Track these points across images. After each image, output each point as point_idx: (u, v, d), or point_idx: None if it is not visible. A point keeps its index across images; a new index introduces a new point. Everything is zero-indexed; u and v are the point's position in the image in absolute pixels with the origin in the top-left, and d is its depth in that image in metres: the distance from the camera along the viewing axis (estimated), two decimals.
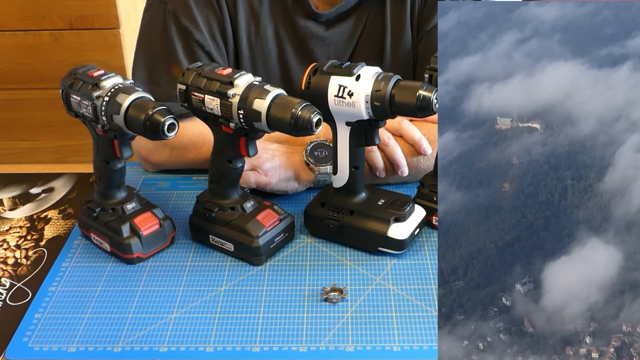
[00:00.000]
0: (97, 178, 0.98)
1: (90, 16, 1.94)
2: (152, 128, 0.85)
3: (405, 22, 1.20)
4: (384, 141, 1.07)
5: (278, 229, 0.97)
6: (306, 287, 0.92)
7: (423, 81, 0.92)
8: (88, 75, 0.91)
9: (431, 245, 1.00)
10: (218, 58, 1.19)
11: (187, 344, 0.83)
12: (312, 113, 0.83)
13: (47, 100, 2.04)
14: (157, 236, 0.98)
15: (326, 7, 1.19)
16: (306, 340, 0.83)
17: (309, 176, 1.09)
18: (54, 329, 0.86)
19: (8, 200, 1.15)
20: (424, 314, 0.87)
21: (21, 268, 0.98)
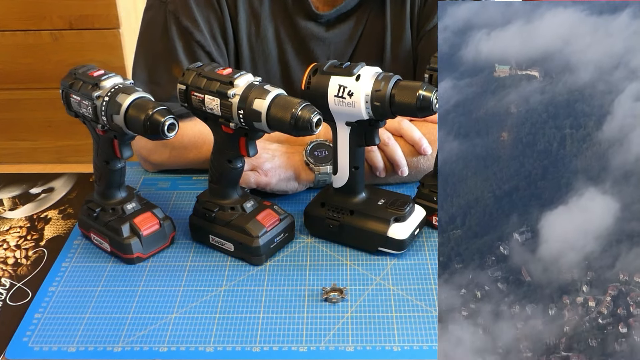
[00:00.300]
0: (97, 178, 0.98)
1: (90, 16, 1.94)
2: (152, 128, 0.85)
3: (405, 22, 1.20)
4: (384, 141, 1.07)
5: (278, 229, 0.97)
6: (306, 287, 0.92)
7: (423, 81, 0.92)
8: (88, 75, 0.91)
9: (431, 245, 1.00)
10: (218, 58, 1.19)
11: (187, 344, 0.83)
12: (312, 113, 0.83)
13: (47, 100, 2.04)
14: (157, 236, 0.98)
15: (326, 8, 1.19)
16: (306, 340, 0.83)
17: (309, 176, 1.09)
18: (54, 329, 0.86)
19: (8, 200, 1.15)
20: (424, 314, 0.87)
21: (21, 268, 0.98)
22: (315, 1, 1.18)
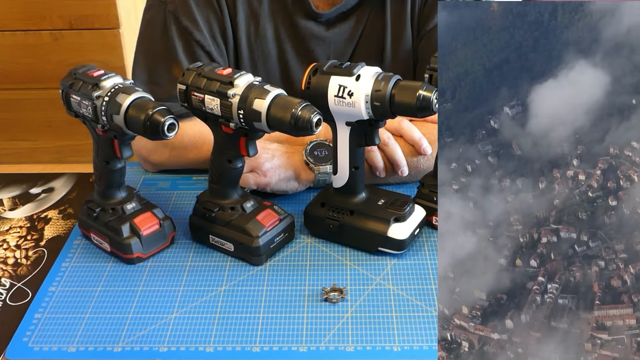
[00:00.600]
0: (97, 178, 0.98)
1: (90, 16, 1.94)
2: (152, 128, 0.85)
3: (405, 22, 1.20)
4: (384, 141, 1.07)
5: (278, 229, 0.97)
6: (306, 287, 0.92)
7: (423, 81, 0.92)
8: (88, 75, 0.91)
9: (431, 245, 1.00)
10: (218, 58, 1.19)
11: (187, 344, 0.83)
12: (312, 113, 0.83)
13: (47, 100, 2.04)
14: (157, 236, 0.98)
15: (326, 7, 1.19)
16: (306, 340, 0.83)
17: (308, 176, 1.09)
18: (54, 329, 0.86)
19: (8, 200, 1.15)
20: (424, 314, 0.87)
21: (21, 268, 0.98)
22: (315, 0, 1.18)
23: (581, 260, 0.80)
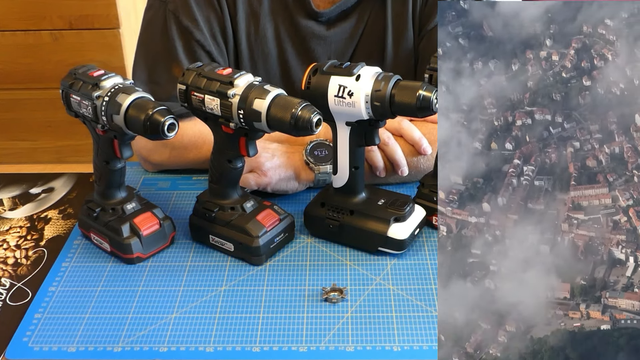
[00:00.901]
0: (97, 178, 0.98)
1: (90, 16, 1.94)
2: (152, 128, 0.85)
3: (407, 21, 1.20)
4: (384, 141, 1.07)
5: (278, 229, 0.97)
6: (306, 287, 0.92)
7: (423, 81, 0.92)
8: (88, 75, 0.91)
9: (431, 245, 1.00)
10: (218, 58, 1.19)
11: (187, 344, 0.83)
12: (312, 113, 0.83)
13: (47, 100, 2.04)
14: (157, 236, 0.98)
15: (327, 6, 1.19)
16: (306, 340, 0.83)
17: (308, 176, 1.09)
18: (54, 329, 0.86)
19: (8, 200, 1.15)
20: (424, 314, 0.87)
21: (21, 268, 0.98)
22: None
23: (556, 142, 0.80)
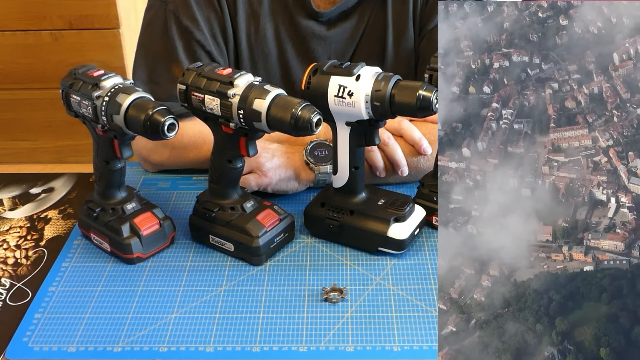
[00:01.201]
0: (97, 178, 0.98)
1: (90, 16, 1.94)
2: (152, 128, 0.85)
3: (407, 21, 1.20)
4: (384, 141, 1.07)
5: (278, 229, 0.97)
6: (306, 287, 0.92)
7: (423, 81, 0.92)
8: (88, 75, 0.91)
9: (431, 245, 1.00)
10: (219, 58, 1.19)
11: (187, 344, 0.83)
12: (312, 113, 0.83)
13: (47, 100, 2.04)
14: (157, 236, 0.98)
15: (327, 6, 1.19)
16: (306, 340, 0.83)
17: (309, 176, 1.09)
18: (54, 329, 0.86)
19: (8, 200, 1.15)
20: (424, 314, 0.87)
21: (21, 268, 0.98)
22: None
23: (534, 84, 0.80)
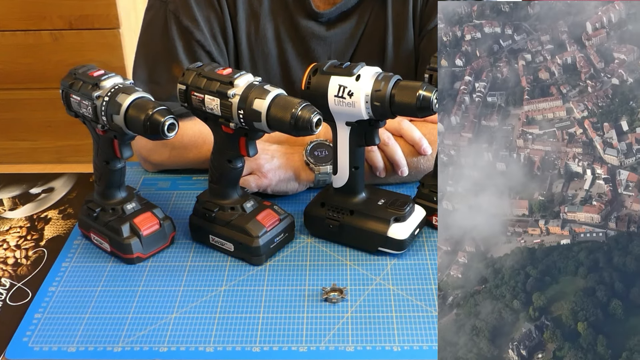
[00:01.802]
0: (97, 178, 0.98)
1: (90, 16, 1.94)
2: (152, 128, 0.85)
3: (407, 21, 1.20)
4: (384, 141, 1.07)
5: (278, 229, 0.97)
6: (306, 287, 0.92)
7: (423, 81, 0.92)
8: (88, 75, 0.91)
9: (431, 245, 1.00)
10: (219, 58, 1.19)
11: (187, 344, 0.83)
12: (312, 113, 0.83)
13: (47, 100, 2.04)
14: (157, 236, 0.98)
15: (327, 6, 1.19)
16: (306, 340, 0.83)
17: (309, 176, 1.09)
18: (54, 329, 0.86)
19: (8, 200, 1.15)
20: (424, 314, 0.87)
21: (21, 268, 0.98)
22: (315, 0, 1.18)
23: (507, 55, 0.79)
